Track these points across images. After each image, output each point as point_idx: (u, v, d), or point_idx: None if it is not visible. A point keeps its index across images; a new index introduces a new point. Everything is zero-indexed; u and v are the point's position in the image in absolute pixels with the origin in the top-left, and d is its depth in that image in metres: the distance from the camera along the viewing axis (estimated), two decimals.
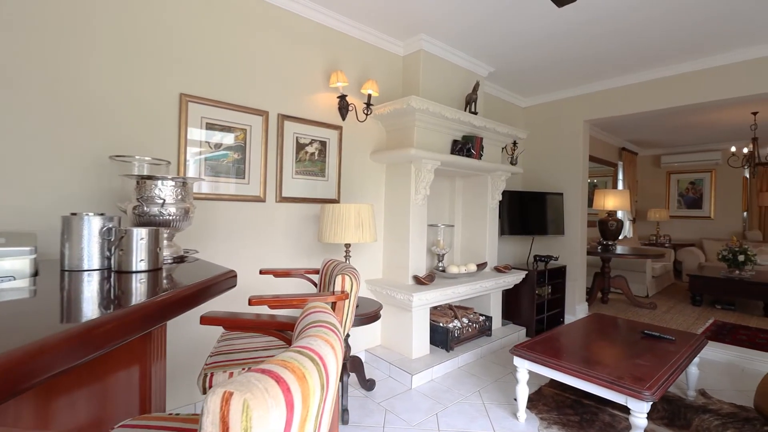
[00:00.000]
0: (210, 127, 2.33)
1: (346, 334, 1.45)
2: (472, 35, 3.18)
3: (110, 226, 1.32)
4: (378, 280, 3.16)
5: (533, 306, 3.95)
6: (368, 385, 2.65)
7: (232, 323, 1.15)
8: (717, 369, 3.24)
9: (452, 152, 3.32)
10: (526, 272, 3.93)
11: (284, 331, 1.22)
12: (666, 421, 2.41)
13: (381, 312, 3.22)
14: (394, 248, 3.18)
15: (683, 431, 2.32)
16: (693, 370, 2.65)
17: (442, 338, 3.20)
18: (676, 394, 2.75)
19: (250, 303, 1.31)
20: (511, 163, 4.13)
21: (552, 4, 2.69)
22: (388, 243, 3.25)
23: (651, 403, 1.85)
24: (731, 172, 7.59)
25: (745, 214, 8.19)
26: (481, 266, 3.66)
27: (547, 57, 3.62)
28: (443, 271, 3.41)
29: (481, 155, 3.52)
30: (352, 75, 3.04)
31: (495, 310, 3.85)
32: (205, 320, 1.22)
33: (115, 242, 1.28)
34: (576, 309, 4.50)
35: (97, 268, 1.28)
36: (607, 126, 6.43)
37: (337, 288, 1.37)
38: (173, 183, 1.68)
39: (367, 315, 2.33)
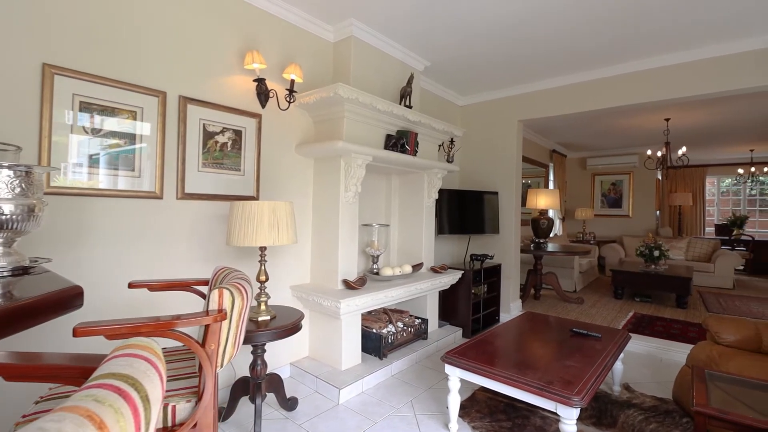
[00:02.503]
0: (86, 107, 1.91)
1: (226, 362, 1.15)
2: (404, 24, 3.01)
3: None
4: (304, 286, 2.88)
5: (470, 306, 3.89)
6: (290, 404, 2.36)
7: (12, 370, 0.82)
8: (638, 361, 3.37)
9: (386, 147, 3.13)
10: (463, 272, 3.86)
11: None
12: (594, 420, 2.40)
13: (304, 322, 2.94)
14: (323, 250, 2.92)
15: (610, 429, 2.31)
16: (618, 365, 2.69)
17: (374, 345, 3.00)
18: (602, 390, 2.78)
19: (75, 334, 0.98)
20: (448, 161, 4.04)
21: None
22: (316, 245, 2.98)
23: (580, 408, 1.78)
24: (647, 174, 8.26)
25: (658, 212, 8.98)
26: (417, 267, 3.51)
27: (483, 55, 3.57)
28: (377, 273, 3.21)
29: (416, 151, 3.37)
30: (273, 57, 2.73)
31: (431, 312, 3.73)
32: None
33: None
34: (510, 307, 4.54)
35: None
36: (540, 128, 6.67)
37: (212, 306, 1.09)
38: (11, 173, 1.29)
39: (285, 328, 2.05)
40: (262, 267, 2.16)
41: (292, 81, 2.60)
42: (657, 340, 3.70)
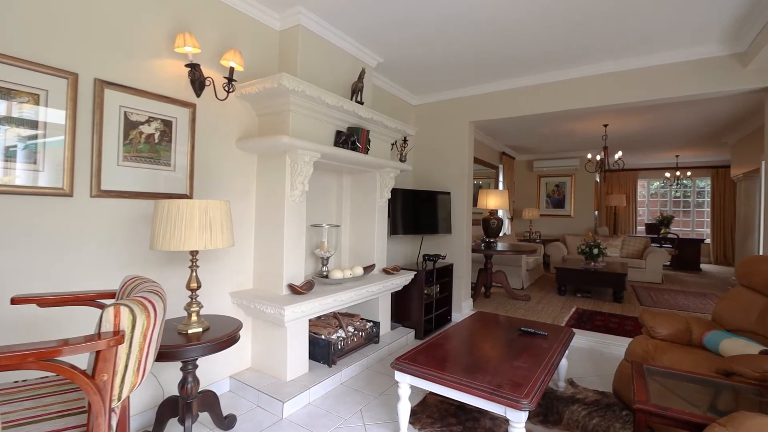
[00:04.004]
0: None
1: (127, 394, 0.94)
2: (356, 16, 2.89)
3: None
4: (246, 292, 2.67)
5: (422, 306, 3.85)
6: (227, 423, 2.15)
7: None
8: (581, 355, 3.49)
9: (336, 144, 2.99)
10: (415, 272, 3.80)
11: None
12: (541, 417, 2.42)
13: (245, 331, 2.73)
14: (267, 253, 2.72)
15: (556, 426, 2.34)
16: (563, 362, 2.75)
17: (323, 352, 2.85)
18: (549, 386, 2.83)
19: None
20: (401, 160, 3.98)
21: None
22: (259, 247, 2.78)
23: (528, 411, 1.75)
24: (587, 176, 8.77)
25: (596, 212, 9.57)
26: (368, 269, 3.40)
27: (435, 55, 3.54)
28: (326, 276, 3.06)
29: (368, 149, 3.26)
30: (210, 42, 2.49)
31: (384, 315, 3.64)
32: None
33: None
34: (462, 306, 4.57)
35: None
36: (490, 130, 6.83)
37: (104, 328, 0.89)
38: None
39: (219, 340, 1.85)
40: (193, 273, 1.94)
41: (231, 69, 2.38)
42: (597, 335, 3.88)
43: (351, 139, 3.02)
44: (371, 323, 3.41)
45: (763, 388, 1.76)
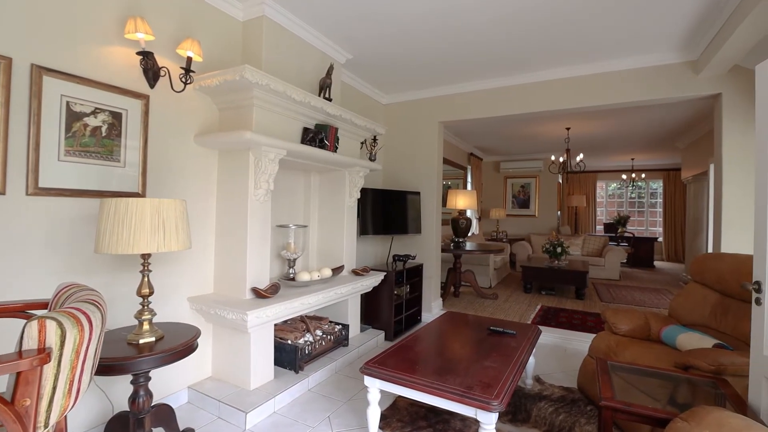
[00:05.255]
0: None
1: (56, 419, 0.81)
2: (324, 10, 2.80)
3: None
4: (205, 297, 2.51)
5: (392, 307, 3.81)
6: None
7: None
8: (546, 352, 3.56)
9: (303, 142, 2.88)
10: (385, 273, 3.75)
11: None
12: (510, 416, 2.43)
13: (206, 338, 2.57)
14: (229, 255, 2.58)
15: (525, 424, 2.35)
16: (531, 359, 2.78)
17: (289, 358, 2.74)
18: (517, 385, 2.85)
19: None
20: (371, 159, 3.92)
21: None
22: (221, 249, 2.63)
23: (498, 413, 1.74)
24: (550, 177, 9.06)
25: (559, 212, 9.91)
26: (337, 270, 3.31)
27: (405, 53, 3.50)
28: (293, 279, 2.95)
29: (337, 148, 3.17)
30: (166, 29, 2.33)
31: (353, 317, 3.56)
32: None
33: None
34: (432, 306, 4.56)
35: None
36: (459, 131, 6.90)
37: (27, 345, 0.77)
38: None
39: (174, 350, 1.71)
40: (145, 278, 1.79)
41: (189, 59, 2.23)
42: (562, 331, 3.98)
43: (319, 136, 2.93)
44: (340, 326, 3.33)
45: (718, 380, 1.83)
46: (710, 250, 5.55)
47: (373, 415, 2.06)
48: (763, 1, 2.15)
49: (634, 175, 10.03)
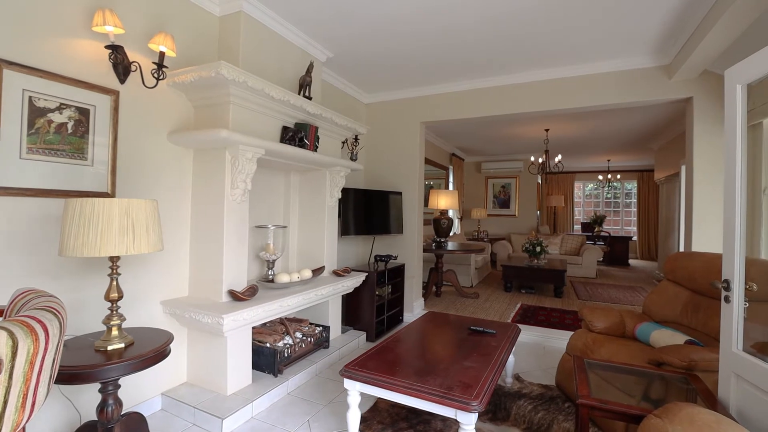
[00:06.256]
0: None
1: None
2: (304, 7, 2.75)
3: None
4: (179, 300, 2.43)
5: (374, 308, 3.79)
6: None
7: None
8: (526, 350, 3.61)
9: (282, 140, 2.83)
10: (367, 274, 3.73)
11: None
12: (490, 415, 2.45)
13: (180, 342, 2.49)
14: (205, 257, 2.50)
15: (504, 423, 2.37)
16: (510, 358, 2.81)
17: (268, 362, 2.68)
18: (497, 383, 2.87)
19: None
20: (352, 159, 3.89)
21: None
22: (196, 251, 2.55)
23: (478, 413, 1.74)
24: (530, 178, 9.21)
25: (538, 212, 10.09)
26: (317, 271, 3.27)
27: (386, 53, 3.48)
28: (272, 281, 2.89)
29: (317, 147, 3.13)
30: (137, 23, 2.24)
31: (334, 318, 3.52)
32: None
33: None
34: (414, 306, 4.56)
35: None
36: (441, 132, 6.93)
37: None
38: None
39: (144, 357, 1.65)
40: (114, 282, 1.71)
41: (162, 54, 2.16)
42: (541, 329, 4.04)
43: (298, 135, 2.88)
44: (321, 328, 3.29)
45: (689, 376, 1.88)
46: (682, 248, 5.75)
47: (353, 418, 2.04)
48: (731, 8, 2.23)
49: (609, 176, 10.30)
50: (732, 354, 1.64)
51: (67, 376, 1.50)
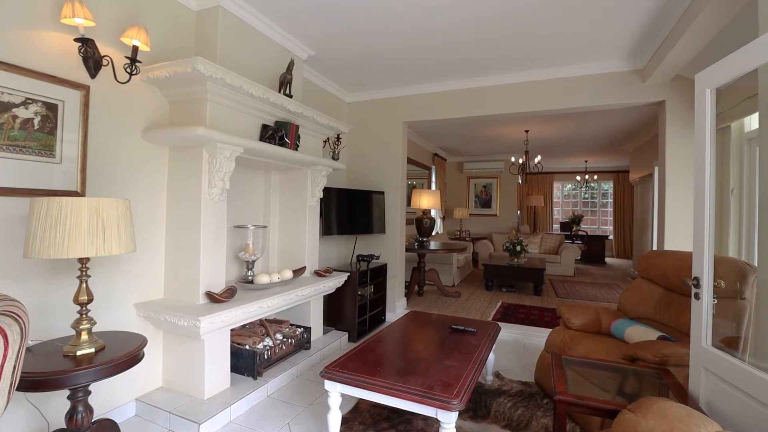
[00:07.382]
0: None
1: None
2: (284, 3, 2.71)
3: None
4: (154, 303, 2.36)
5: (356, 308, 3.77)
6: None
7: None
8: (506, 348, 3.66)
9: (261, 139, 2.78)
10: (349, 274, 3.71)
11: None
12: (471, 413, 2.47)
13: (156, 346, 2.42)
14: (180, 258, 2.44)
15: (485, 420, 2.40)
16: (491, 356, 2.84)
17: (247, 364, 2.63)
18: (478, 381, 2.90)
19: None
20: (334, 158, 3.85)
21: None
22: (172, 251, 2.48)
23: (458, 411, 1.75)
24: (511, 178, 9.35)
25: (518, 212, 10.26)
26: (298, 272, 3.23)
27: (368, 51, 3.46)
28: (251, 281, 2.84)
29: (298, 146, 3.09)
30: (110, 16, 2.16)
31: (315, 319, 3.49)
32: None
33: None
34: (396, 305, 4.57)
35: None
36: (423, 132, 6.96)
37: None
38: None
39: (116, 362, 1.59)
40: (83, 285, 1.64)
41: (135, 48, 2.08)
42: (521, 327, 4.10)
43: (279, 134, 2.84)
44: (302, 329, 3.25)
45: (662, 371, 1.94)
46: (655, 247, 5.94)
47: (334, 419, 2.02)
48: (701, 15, 2.31)
49: (587, 177, 10.56)
50: (702, 349, 1.70)
51: (33, 383, 1.44)
